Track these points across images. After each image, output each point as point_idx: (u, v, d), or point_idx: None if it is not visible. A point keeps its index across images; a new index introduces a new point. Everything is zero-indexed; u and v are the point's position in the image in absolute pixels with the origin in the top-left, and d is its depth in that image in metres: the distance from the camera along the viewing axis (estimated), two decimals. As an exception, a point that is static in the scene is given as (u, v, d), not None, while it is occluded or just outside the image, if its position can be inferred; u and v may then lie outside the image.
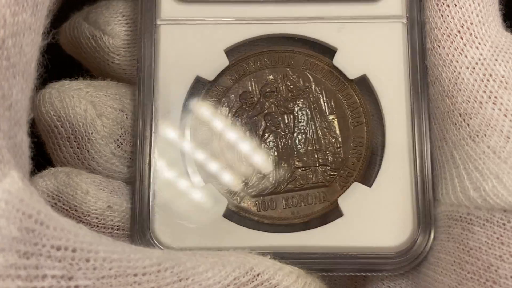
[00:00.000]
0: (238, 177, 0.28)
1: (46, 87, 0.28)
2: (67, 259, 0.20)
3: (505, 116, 0.25)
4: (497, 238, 0.24)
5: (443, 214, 0.26)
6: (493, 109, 0.25)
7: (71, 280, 0.20)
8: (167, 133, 0.28)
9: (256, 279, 0.24)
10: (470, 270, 0.24)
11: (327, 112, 0.29)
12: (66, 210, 0.27)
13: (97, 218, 0.27)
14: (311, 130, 0.29)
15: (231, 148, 0.28)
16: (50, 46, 0.25)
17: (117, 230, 0.27)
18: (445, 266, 0.26)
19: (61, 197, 0.27)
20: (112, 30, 0.30)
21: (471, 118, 0.26)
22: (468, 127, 0.26)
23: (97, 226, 0.27)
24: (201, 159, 0.28)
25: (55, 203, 0.27)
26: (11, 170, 0.20)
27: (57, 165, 0.29)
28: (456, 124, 0.26)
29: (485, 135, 0.25)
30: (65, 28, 0.31)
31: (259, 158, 0.28)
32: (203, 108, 0.29)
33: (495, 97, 0.25)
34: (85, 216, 0.27)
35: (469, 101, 0.26)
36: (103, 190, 0.28)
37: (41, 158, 0.28)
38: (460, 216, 0.25)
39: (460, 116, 0.26)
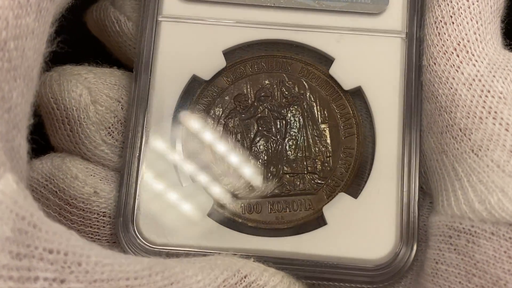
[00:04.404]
0: (226, 176, 0.28)
1: (50, 71, 0.29)
2: (59, 262, 0.20)
3: (507, 130, 0.25)
4: (504, 252, 0.24)
5: (442, 224, 0.26)
6: (494, 124, 0.25)
7: (63, 283, 0.20)
8: (159, 128, 0.28)
9: (244, 281, 0.24)
10: (478, 283, 0.24)
11: (320, 121, 0.29)
12: (56, 192, 0.27)
13: (83, 203, 0.27)
14: (302, 137, 0.29)
15: (221, 148, 0.28)
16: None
17: (103, 216, 0.28)
18: (448, 278, 0.25)
19: (53, 180, 0.27)
20: (137, 17, 0.30)
21: (472, 133, 0.25)
22: (470, 141, 0.25)
23: (83, 211, 0.27)
24: (190, 157, 0.28)
25: (47, 185, 0.27)
26: (6, 172, 0.20)
27: (54, 146, 0.29)
28: (456, 138, 0.26)
29: (488, 149, 0.25)
30: (92, 10, 0.32)
31: (249, 161, 0.28)
32: (197, 107, 0.29)
33: (495, 112, 0.25)
34: (72, 200, 0.27)
35: (468, 117, 0.26)
36: (93, 176, 0.28)
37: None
38: (464, 228, 0.25)
39: (461, 131, 0.26)
